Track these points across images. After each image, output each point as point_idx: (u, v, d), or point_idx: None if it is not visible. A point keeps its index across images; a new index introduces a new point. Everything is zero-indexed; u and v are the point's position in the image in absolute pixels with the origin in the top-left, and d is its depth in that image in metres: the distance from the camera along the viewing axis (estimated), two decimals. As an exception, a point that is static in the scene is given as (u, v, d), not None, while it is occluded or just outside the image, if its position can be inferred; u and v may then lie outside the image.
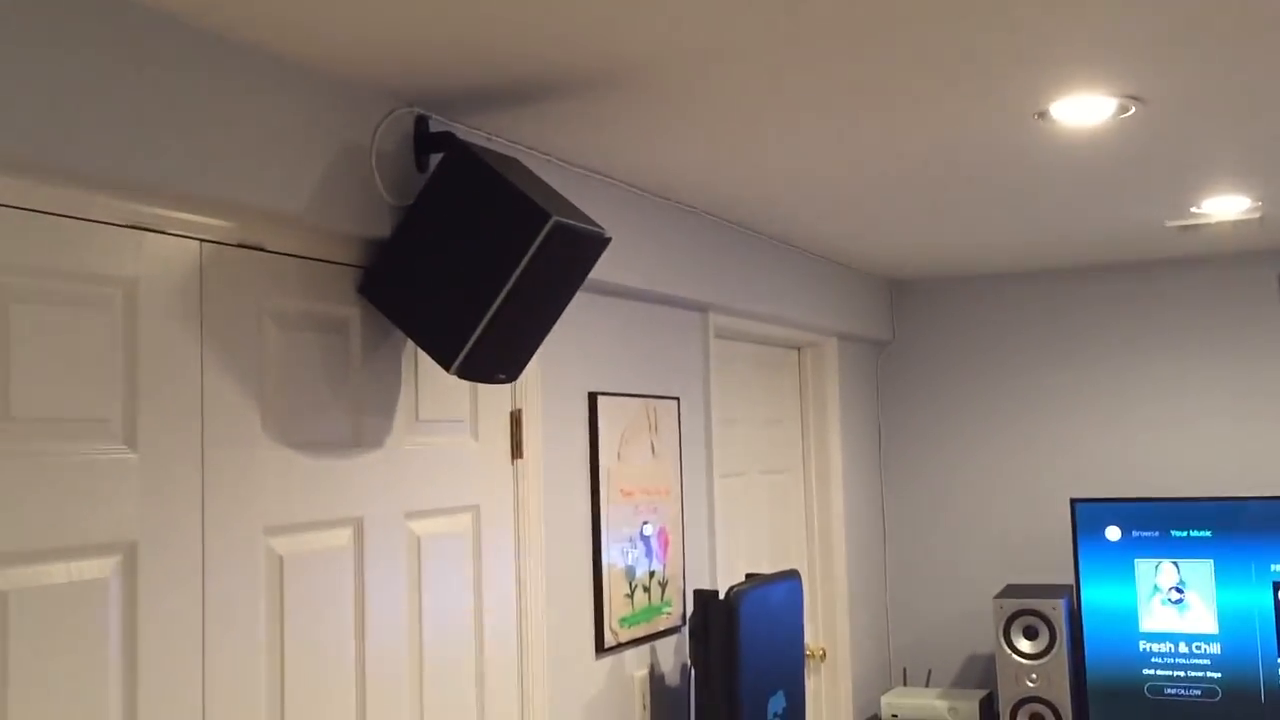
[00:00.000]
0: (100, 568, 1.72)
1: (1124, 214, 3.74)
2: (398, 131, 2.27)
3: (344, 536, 2.20)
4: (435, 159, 2.33)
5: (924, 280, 5.16)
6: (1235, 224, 3.91)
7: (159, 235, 1.86)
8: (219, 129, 1.87)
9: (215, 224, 1.95)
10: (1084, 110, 2.47)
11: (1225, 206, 3.63)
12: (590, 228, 2.22)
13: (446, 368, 2.15)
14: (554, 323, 2.31)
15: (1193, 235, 4.12)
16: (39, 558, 1.63)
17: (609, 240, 2.29)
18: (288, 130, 2.01)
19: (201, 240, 1.93)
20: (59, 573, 1.66)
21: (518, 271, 2.10)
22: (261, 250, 2.05)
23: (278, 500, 2.04)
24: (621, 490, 3.11)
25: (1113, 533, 4.46)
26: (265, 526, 2.01)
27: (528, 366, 2.55)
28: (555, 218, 2.09)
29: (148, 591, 1.79)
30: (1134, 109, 2.47)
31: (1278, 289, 4.64)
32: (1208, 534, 4.35)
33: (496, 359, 2.21)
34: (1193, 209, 3.67)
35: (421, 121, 2.32)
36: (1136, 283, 4.84)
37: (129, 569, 1.76)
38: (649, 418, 3.28)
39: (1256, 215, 3.74)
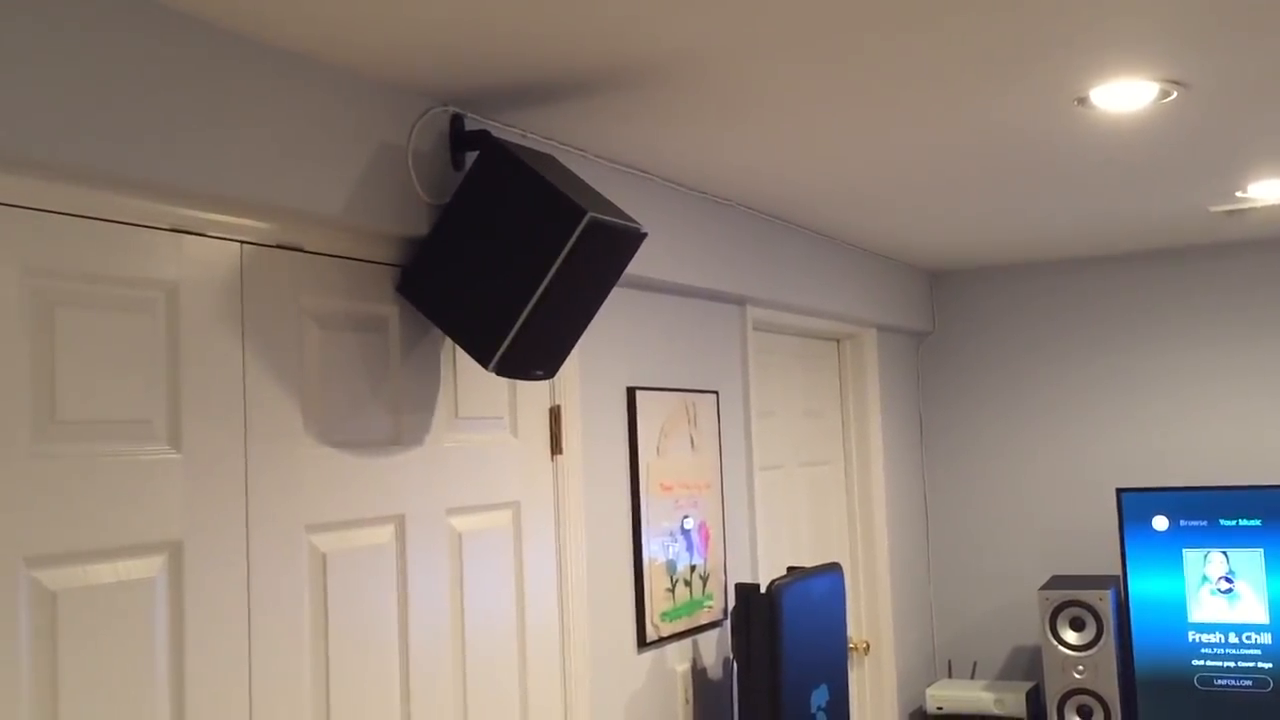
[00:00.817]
0: (147, 567, 1.75)
1: (1167, 200, 3.68)
2: (433, 130, 2.28)
3: (386, 533, 2.21)
4: (471, 157, 2.33)
5: (963, 270, 5.12)
6: (1282, 208, 3.85)
7: (199, 238, 1.88)
8: (257, 131, 1.89)
9: (254, 225, 1.97)
10: (1125, 96, 2.44)
11: (1272, 190, 3.57)
12: (626, 223, 2.22)
13: (484, 365, 2.15)
14: (591, 319, 2.31)
15: (1238, 220, 4.06)
16: (86, 558, 1.66)
17: (645, 235, 2.29)
18: (324, 131, 2.02)
19: (241, 242, 1.95)
20: (106, 572, 1.69)
21: (554, 268, 2.10)
22: (300, 251, 2.07)
23: (320, 498, 2.06)
24: (661, 485, 3.11)
25: (1160, 522, 4.41)
26: (308, 524, 2.03)
27: (566, 362, 2.55)
28: (590, 213, 2.09)
29: (194, 590, 1.81)
30: (1176, 93, 2.44)
31: (1327, 273, 4.56)
32: (1257, 522, 4.29)
33: (534, 356, 2.22)
34: (1238, 193, 3.62)
35: (457, 120, 2.33)
36: (1180, 269, 4.77)
37: (175, 568, 1.79)
38: (688, 412, 3.27)
39: (1304, 198, 3.67)
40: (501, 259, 2.14)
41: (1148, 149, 2.98)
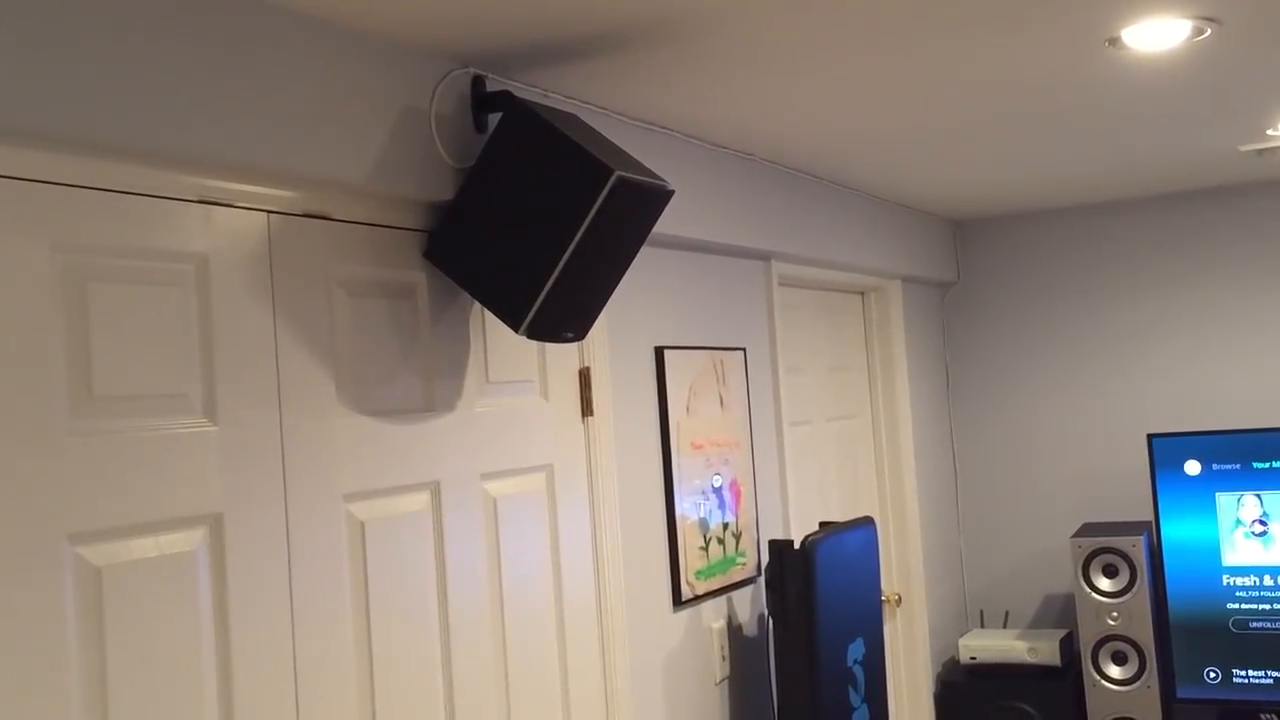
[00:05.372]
0: (188, 540, 1.75)
1: (1196, 140, 3.63)
2: (455, 93, 2.25)
3: (422, 500, 2.21)
4: (494, 119, 2.31)
5: (988, 219, 5.07)
6: (1313, 145, 3.78)
7: (227, 209, 1.86)
8: (279, 100, 1.87)
9: (281, 195, 1.95)
10: (1157, 34, 2.39)
11: (1303, 127, 3.51)
12: (653, 181, 2.19)
13: (515, 329, 2.14)
14: (620, 279, 2.30)
15: (1268, 159, 4.00)
16: (129, 533, 1.66)
17: (672, 193, 2.26)
18: (347, 97, 2.00)
19: (268, 212, 1.94)
20: (149, 547, 1.69)
21: (582, 229, 2.08)
22: (327, 219, 2.05)
23: (356, 466, 2.06)
24: (692, 444, 3.10)
25: (1192, 467, 4.38)
26: (345, 493, 2.03)
27: (594, 324, 2.53)
28: (618, 172, 2.06)
29: (235, 561, 1.81)
30: (1209, 30, 2.39)
31: (1358, 210, 4.50)
32: (1291, 465, 4.26)
33: (564, 318, 2.20)
34: (1269, 131, 3.56)
35: (478, 81, 2.30)
36: (1208, 210, 4.71)
37: (216, 540, 1.79)
38: (716, 370, 3.26)
39: (1336, 135, 3.61)
40: (528, 221, 2.12)
41: (1179, 89, 2.93)
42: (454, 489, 2.28)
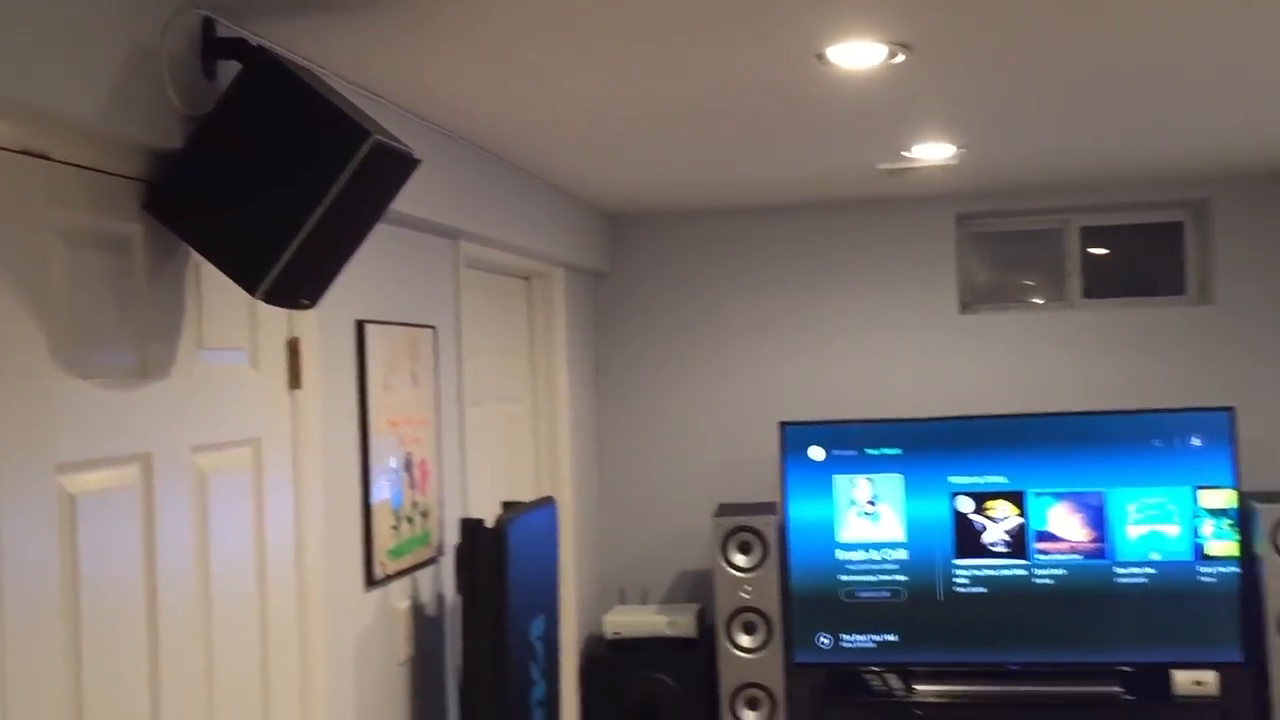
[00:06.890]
0: (-110, 514, 1.52)
1: (845, 155, 3.99)
2: (186, 34, 2.08)
3: (133, 473, 2.03)
4: (226, 67, 2.16)
5: (639, 214, 5.30)
6: (935, 169, 4.27)
7: (-63, 136, 1.63)
8: None
9: (-4, 126, 1.73)
10: (857, 55, 2.62)
11: (932, 152, 3.96)
12: (403, 147, 2.14)
13: (251, 291, 2.02)
14: (358, 246, 2.22)
15: (896, 178, 4.47)
16: None
17: (419, 162, 2.22)
18: (72, 24, 1.80)
19: (-18, 144, 1.71)
20: None
21: (333, 192, 2.00)
22: (46, 159, 1.84)
23: (69, 435, 1.86)
24: (388, 420, 3.04)
25: (816, 453, 4.82)
26: (56, 464, 1.83)
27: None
28: (375, 136, 2.00)
29: (-59, 539, 1.59)
30: (901, 55, 2.65)
31: (955, 227, 5.13)
32: (898, 451, 4.79)
33: (302, 283, 2.11)
34: (903, 153, 3.98)
35: (208, 24, 2.14)
36: (838, 220, 5.19)
37: (-79, 515, 1.56)
38: (411, 346, 3.21)
39: (955, 161, 4.11)
40: (272, 180, 2.01)
41: (865, 108, 3.22)
42: (165, 461, 2.11)
